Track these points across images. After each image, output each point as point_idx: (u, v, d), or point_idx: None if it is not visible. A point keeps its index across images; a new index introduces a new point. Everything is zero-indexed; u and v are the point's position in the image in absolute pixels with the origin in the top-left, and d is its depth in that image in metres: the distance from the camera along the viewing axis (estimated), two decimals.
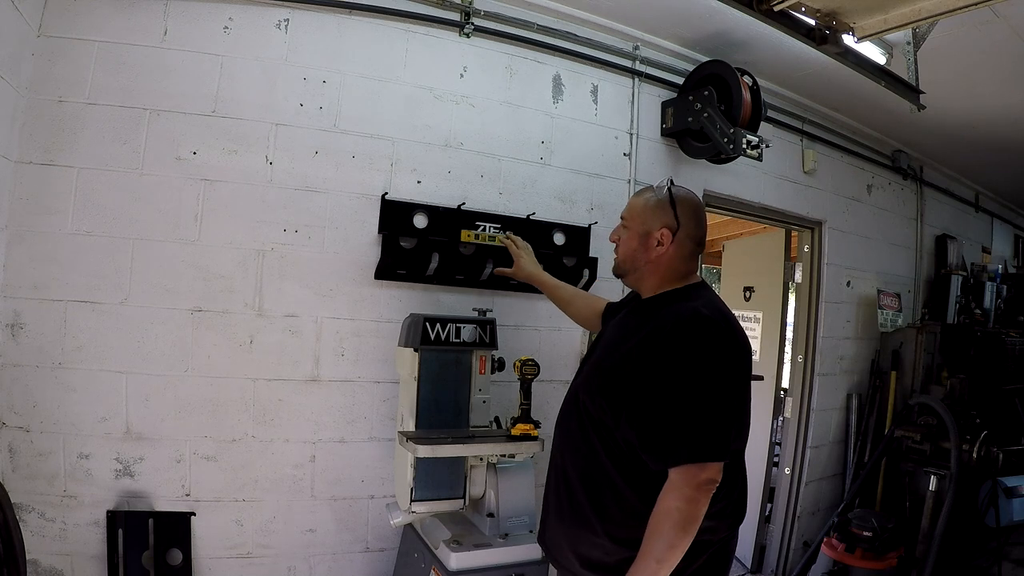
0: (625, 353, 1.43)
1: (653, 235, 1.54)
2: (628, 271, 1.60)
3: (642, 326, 1.45)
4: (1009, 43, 2.76)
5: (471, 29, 2.57)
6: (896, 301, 4.19)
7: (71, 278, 2.04)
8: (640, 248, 1.56)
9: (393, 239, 2.38)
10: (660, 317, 1.43)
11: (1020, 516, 3.35)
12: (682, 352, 1.36)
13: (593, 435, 1.45)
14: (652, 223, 1.55)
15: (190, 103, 2.17)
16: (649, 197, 1.58)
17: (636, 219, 1.58)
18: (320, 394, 2.33)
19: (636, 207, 1.60)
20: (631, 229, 1.58)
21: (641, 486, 1.37)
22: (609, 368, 1.46)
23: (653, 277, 1.56)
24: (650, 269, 1.56)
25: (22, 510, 1.98)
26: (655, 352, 1.37)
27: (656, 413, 1.33)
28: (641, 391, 1.36)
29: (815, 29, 1.96)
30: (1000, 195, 5.64)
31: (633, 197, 1.64)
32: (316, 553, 2.34)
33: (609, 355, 1.51)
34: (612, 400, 1.41)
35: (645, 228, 1.55)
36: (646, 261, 1.55)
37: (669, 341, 1.37)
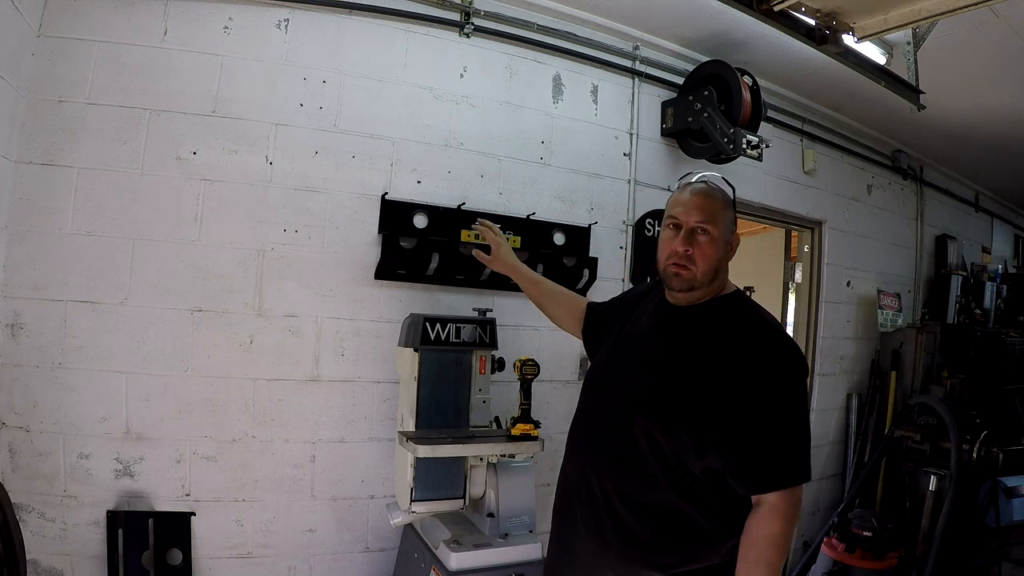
0: (706, 376, 1.29)
1: (731, 242, 1.44)
2: (705, 284, 1.40)
3: (708, 340, 1.33)
4: (1009, 43, 2.76)
5: (471, 29, 2.57)
6: (896, 301, 4.19)
7: (71, 278, 2.04)
8: (725, 257, 1.43)
9: (393, 239, 2.38)
10: (737, 331, 1.33)
11: (1020, 516, 3.35)
12: (780, 371, 1.28)
13: (655, 465, 1.31)
14: (730, 227, 1.44)
15: (190, 103, 2.17)
16: (723, 199, 1.44)
17: (720, 224, 1.41)
18: (320, 394, 2.33)
19: (718, 210, 1.41)
20: (716, 236, 1.40)
21: (711, 512, 1.28)
22: (689, 396, 1.29)
23: (718, 284, 1.44)
24: (721, 277, 1.44)
25: (22, 510, 1.98)
26: (752, 373, 1.27)
27: (756, 438, 1.24)
28: (737, 416, 1.25)
29: (815, 29, 1.96)
30: (1000, 195, 5.64)
31: (703, 197, 1.42)
32: (316, 553, 2.34)
33: (680, 378, 1.33)
34: (699, 432, 1.27)
35: (727, 234, 1.42)
36: (723, 270, 1.44)
37: (767, 360, 1.28)
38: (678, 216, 1.42)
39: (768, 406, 1.25)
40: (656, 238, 3.03)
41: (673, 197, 1.47)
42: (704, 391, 1.28)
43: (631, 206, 2.98)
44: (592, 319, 1.77)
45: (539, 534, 2.12)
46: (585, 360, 2.84)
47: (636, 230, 2.99)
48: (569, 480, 1.48)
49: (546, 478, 2.63)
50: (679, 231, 1.41)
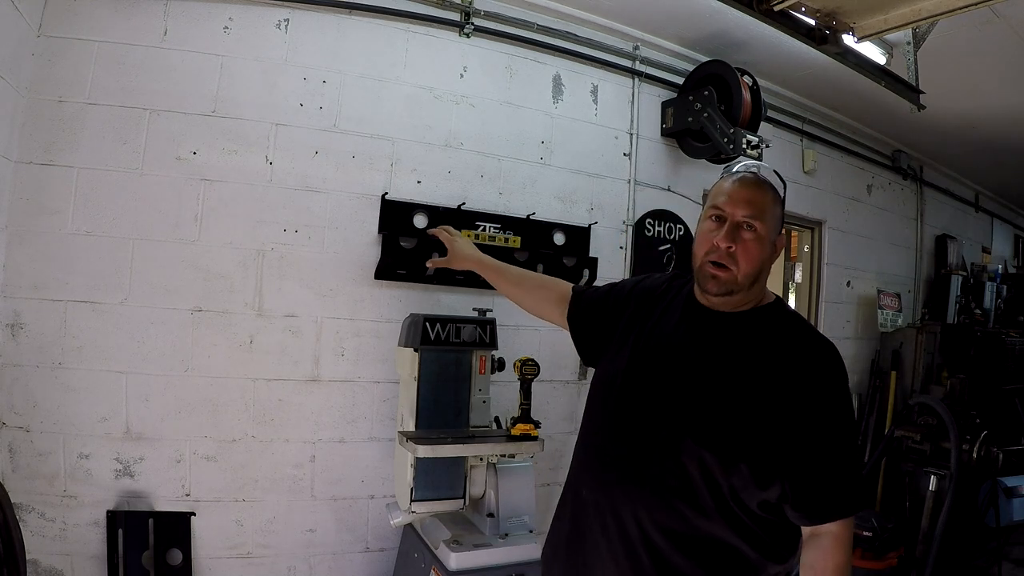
0: (762, 397, 1.14)
1: (776, 243, 1.25)
2: (745, 288, 1.22)
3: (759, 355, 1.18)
4: (1009, 43, 2.76)
5: (471, 29, 2.57)
6: (896, 301, 4.19)
7: (71, 278, 2.04)
8: (769, 260, 1.24)
9: (393, 239, 2.39)
10: (791, 346, 1.19)
11: (1020, 516, 3.35)
12: (837, 390, 1.16)
13: (708, 496, 1.14)
14: (778, 227, 1.25)
15: (190, 103, 2.17)
16: (773, 193, 1.25)
17: (769, 221, 1.22)
18: (320, 394, 2.33)
19: (767, 205, 1.22)
20: (763, 235, 1.21)
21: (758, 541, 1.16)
22: (748, 422, 1.14)
23: (760, 290, 1.26)
24: (763, 282, 1.26)
25: (22, 510, 1.98)
26: (812, 394, 1.14)
27: (820, 465, 1.12)
28: (800, 443, 1.12)
29: (815, 29, 1.95)
30: (1000, 195, 5.64)
31: (752, 189, 1.23)
32: (316, 553, 2.34)
33: (733, 399, 1.16)
34: (761, 463, 1.12)
35: (774, 234, 1.24)
36: (767, 274, 1.26)
37: (824, 378, 1.16)
38: (722, 207, 1.21)
39: (830, 430, 1.14)
40: (656, 238, 3.06)
41: (717, 186, 1.28)
42: (763, 415, 1.13)
43: (631, 206, 2.98)
44: (583, 304, 1.53)
45: (539, 534, 2.12)
46: None
47: (636, 230, 2.99)
48: (589, 508, 1.26)
49: (546, 478, 2.63)
50: (723, 224, 1.21)
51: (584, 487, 1.28)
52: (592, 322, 1.47)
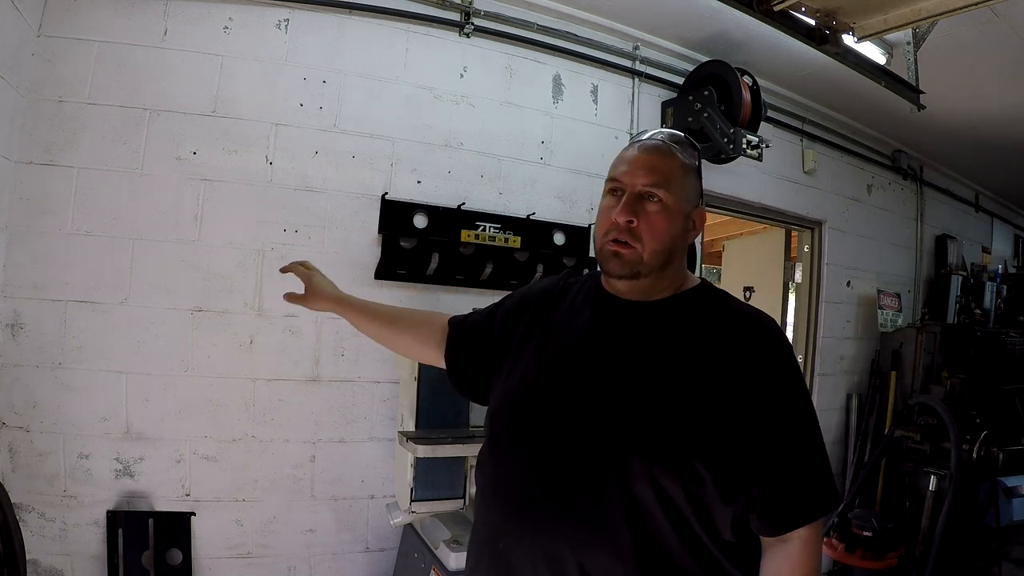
0: (710, 391, 0.94)
1: (693, 217, 1.06)
2: (658, 267, 1.02)
3: (697, 344, 0.98)
4: (1009, 43, 2.76)
5: (471, 29, 2.57)
6: (896, 301, 4.19)
7: (71, 278, 2.04)
8: (682, 236, 1.05)
9: (393, 239, 2.39)
10: (730, 329, 0.99)
11: (1020, 516, 3.35)
12: (790, 371, 0.99)
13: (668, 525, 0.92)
14: (692, 198, 1.05)
15: (190, 103, 2.17)
16: (683, 159, 1.05)
17: (677, 190, 1.02)
18: (320, 394, 2.33)
19: (674, 172, 1.03)
20: (670, 205, 1.01)
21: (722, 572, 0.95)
22: (700, 422, 0.93)
23: (674, 274, 1.06)
24: (678, 262, 1.06)
25: (22, 510, 1.98)
26: (763, 380, 0.95)
27: (785, 463, 0.94)
28: (761, 440, 0.93)
29: (815, 29, 1.95)
30: (1000, 195, 5.64)
31: (654, 155, 1.04)
32: (316, 553, 2.34)
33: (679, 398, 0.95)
34: (723, 468, 0.92)
35: (687, 206, 1.04)
36: (682, 252, 1.07)
37: (774, 362, 0.97)
38: (620, 178, 1.04)
39: (790, 417, 0.96)
40: None
41: (617, 156, 1.10)
42: (712, 412, 0.93)
43: None
44: (460, 335, 1.27)
45: None
46: None
47: None
48: (513, 562, 0.98)
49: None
50: (620, 197, 1.03)
51: (503, 537, 1.00)
52: (476, 352, 1.22)
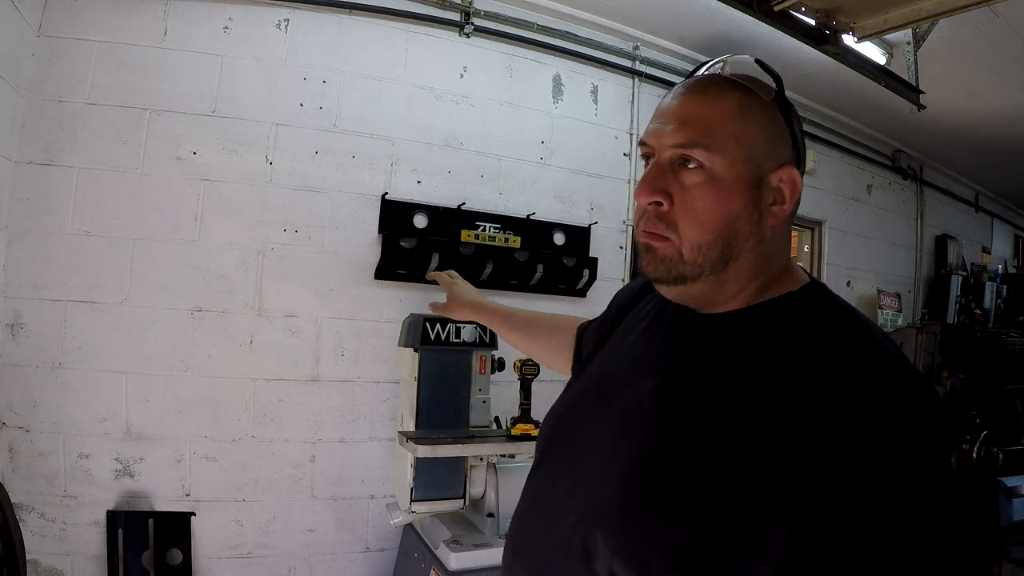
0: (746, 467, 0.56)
1: (769, 182, 0.67)
2: (710, 267, 0.66)
3: (751, 389, 0.60)
4: (1009, 43, 2.76)
5: (471, 29, 2.57)
6: (896, 301, 4.18)
7: (71, 278, 2.04)
8: (750, 212, 0.66)
9: (393, 239, 2.38)
10: (814, 373, 0.58)
11: (1020, 516, 3.35)
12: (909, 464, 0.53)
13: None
14: (764, 154, 0.67)
15: (190, 103, 2.17)
16: (742, 97, 0.67)
17: (729, 143, 0.65)
18: (320, 394, 2.33)
19: (720, 117, 0.66)
20: (718, 172, 0.65)
21: None
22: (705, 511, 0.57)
23: (754, 275, 0.68)
24: (757, 258, 0.68)
25: (22, 510, 1.98)
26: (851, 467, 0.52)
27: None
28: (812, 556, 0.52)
29: (815, 29, 1.95)
30: (1000, 195, 5.64)
31: (688, 98, 0.68)
32: (316, 553, 2.34)
33: (690, 470, 0.59)
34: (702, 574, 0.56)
35: (753, 166, 0.66)
36: (758, 241, 0.67)
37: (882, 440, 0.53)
38: (646, 140, 0.69)
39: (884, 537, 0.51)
40: None
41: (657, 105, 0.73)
42: (741, 498, 0.55)
43: (631, 206, 2.98)
44: (583, 346, 1.02)
45: None
46: None
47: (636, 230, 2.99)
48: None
49: None
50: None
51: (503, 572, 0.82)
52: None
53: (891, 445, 0.53)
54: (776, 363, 0.61)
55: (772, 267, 0.69)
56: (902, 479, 0.52)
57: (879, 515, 0.51)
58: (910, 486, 0.53)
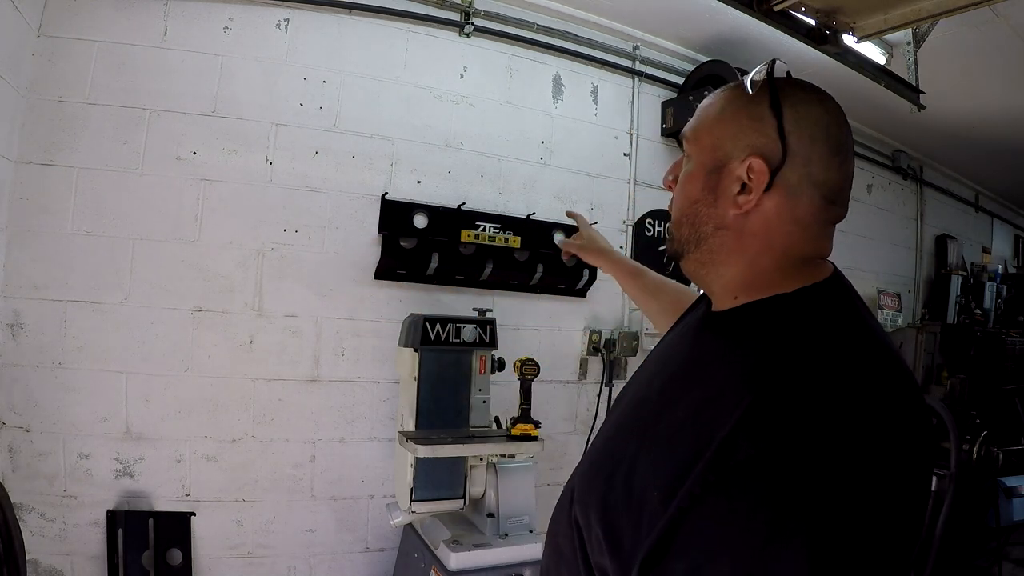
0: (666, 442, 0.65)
1: (731, 170, 0.71)
2: (685, 244, 0.75)
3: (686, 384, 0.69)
4: (1009, 43, 2.76)
5: (471, 29, 2.57)
6: (896, 301, 4.18)
7: (71, 278, 2.04)
8: (706, 195, 0.72)
9: (393, 239, 2.38)
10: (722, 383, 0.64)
11: (1020, 516, 3.35)
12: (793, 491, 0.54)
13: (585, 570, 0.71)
14: (731, 144, 0.71)
15: (190, 103, 2.16)
16: (732, 95, 0.74)
17: (703, 135, 0.74)
18: (320, 394, 2.33)
19: (707, 111, 0.75)
20: (694, 157, 0.75)
21: None
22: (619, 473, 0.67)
23: (731, 264, 0.72)
24: (727, 245, 0.72)
25: (22, 510, 1.98)
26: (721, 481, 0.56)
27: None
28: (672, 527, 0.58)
29: (815, 29, 1.95)
30: (1000, 195, 5.64)
31: (708, 99, 0.78)
32: (316, 553, 2.34)
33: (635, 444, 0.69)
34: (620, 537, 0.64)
35: (718, 155, 0.72)
36: (717, 225, 0.72)
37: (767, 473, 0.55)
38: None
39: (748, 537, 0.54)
40: (656, 238, 3.06)
41: None
42: (662, 473, 0.62)
43: (631, 206, 2.98)
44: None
45: (539, 534, 2.12)
46: (586, 360, 2.84)
47: (636, 230, 2.99)
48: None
49: (546, 478, 2.63)
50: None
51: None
52: None
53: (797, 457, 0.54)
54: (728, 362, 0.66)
55: (760, 262, 0.71)
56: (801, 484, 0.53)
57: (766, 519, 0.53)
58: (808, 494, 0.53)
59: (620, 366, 2.86)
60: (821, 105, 0.74)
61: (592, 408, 2.82)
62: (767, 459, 0.55)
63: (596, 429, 2.67)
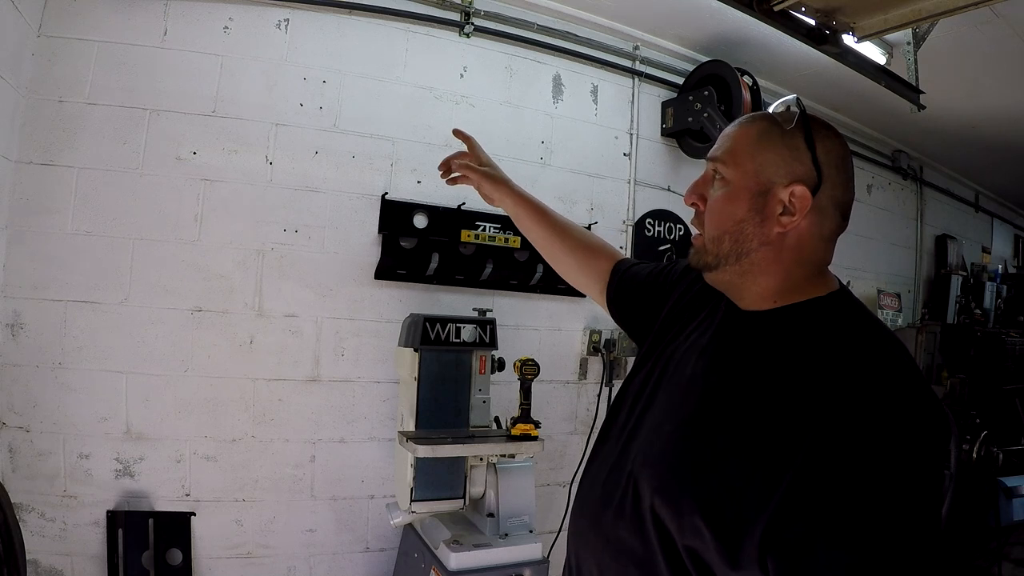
0: (752, 430, 0.75)
1: (776, 194, 0.82)
2: (724, 258, 0.85)
3: (768, 370, 0.78)
4: (1009, 43, 2.75)
5: (471, 29, 2.57)
6: (896, 301, 4.18)
7: (71, 278, 2.04)
8: (752, 216, 0.83)
9: (393, 239, 2.39)
10: (808, 373, 0.75)
11: (1020, 516, 3.35)
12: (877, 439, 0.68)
13: (665, 570, 0.79)
14: (774, 171, 0.82)
15: (190, 103, 2.16)
16: (766, 126, 0.85)
17: (744, 160, 0.84)
18: (320, 394, 2.33)
19: (745, 141, 0.85)
20: (734, 180, 0.84)
21: None
22: (719, 460, 0.76)
23: (770, 274, 0.84)
24: (767, 258, 0.83)
25: (22, 510, 1.98)
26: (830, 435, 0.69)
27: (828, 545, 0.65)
28: (798, 507, 0.68)
29: (815, 29, 1.95)
30: (1000, 195, 5.64)
31: (736, 126, 0.88)
32: (316, 553, 2.34)
33: (713, 429, 0.79)
34: (726, 522, 0.72)
35: (762, 180, 0.82)
36: (762, 242, 0.83)
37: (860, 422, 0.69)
38: (706, 157, 0.91)
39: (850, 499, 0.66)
40: (656, 238, 3.06)
41: None
42: (753, 462, 0.72)
43: (631, 206, 2.98)
44: (625, 284, 1.17)
45: (539, 534, 2.13)
46: (586, 360, 2.84)
47: (636, 230, 2.99)
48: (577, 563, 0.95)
49: (546, 478, 2.64)
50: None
51: (571, 536, 0.98)
52: (634, 308, 1.14)
53: (877, 431, 0.69)
54: (795, 356, 0.78)
55: (795, 272, 0.84)
56: (883, 457, 0.68)
57: (860, 483, 0.66)
58: (891, 463, 0.67)
59: (620, 366, 2.86)
60: (838, 138, 0.88)
61: (592, 408, 2.82)
62: (868, 432, 0.68)
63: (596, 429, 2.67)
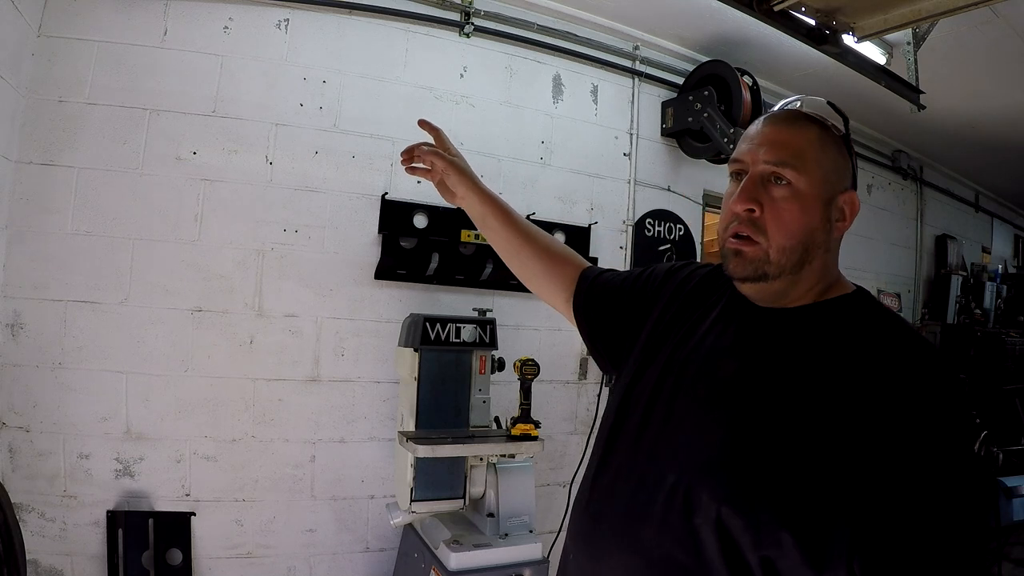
0: (828, 434, 0.72)
1: (837, 202, 0.84)
2: (789, 267, 0.82)
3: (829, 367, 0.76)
4: (1009, 43, 2.76)
5: (471, 29, 2.57)
6: (896, 301, 4.19)
7: (71, 278, 2.04)
8: (823, 224, 0.83)
9: (393, 239, 2.39)
10: (878, 352, 0.76)
11: (1020, 516, 3.35)
12: (951, 425, 0.72)
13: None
14: (836, 178, 0.84)
15: (190, 103, 2.16)
16: (821, 129, 0.84)
17: (813, 169, 0.81)
18: (320, 394, 2.33)
19: (808, 146, 0.82)
20: (804, 189, 0.81)
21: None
22: (798, 468, 0.72)
23: (815, 277, 0.85)
24: (821, 263, 0.84)
25: (22, 510, 1.98)
26: (909, 428, 0.70)
27: (920, 535, 0.68)
28: (890, 500, 0.68)
29: (815, 29, 1.95)
30: (1000, 195, 5.64)
31: (783, 126, 0.85)
32: (316, 553, 2.34)
33: (776, 437, 0.75)
34: (816, 531, 0.70)
35: (828, 187, 0.82)
36: (825, 249, 0.84)
37: (931, 416, 0.71)
38: (741, 157, 0.85)
39: (933, 481, 0.69)
40: (656, 238, 3.06)
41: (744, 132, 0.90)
42: (824, 459, 0.71)
43: (631, 206, 2.98)
44: (595, 292, 1.11)
45: (539, 534, 2.13)
46: (586, 360, 2.84)
47: (636, 230, 2.99)
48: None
49: (546, 478, 2.64)
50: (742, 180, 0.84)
51: (571, 549, 0.92)
52: (604, 315, 1.08)
53: (949, 417, 0.72)
54: (844, 348, 0.77)
55: (831, 273, 0.86)
56: (943, 433, 0.71)
57: (945, 471, 0.69)
58: (949, 437, 0.71)
59: None
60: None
61: (592, 408, 2.82)
62: (942, 419, 0.71)
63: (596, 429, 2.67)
